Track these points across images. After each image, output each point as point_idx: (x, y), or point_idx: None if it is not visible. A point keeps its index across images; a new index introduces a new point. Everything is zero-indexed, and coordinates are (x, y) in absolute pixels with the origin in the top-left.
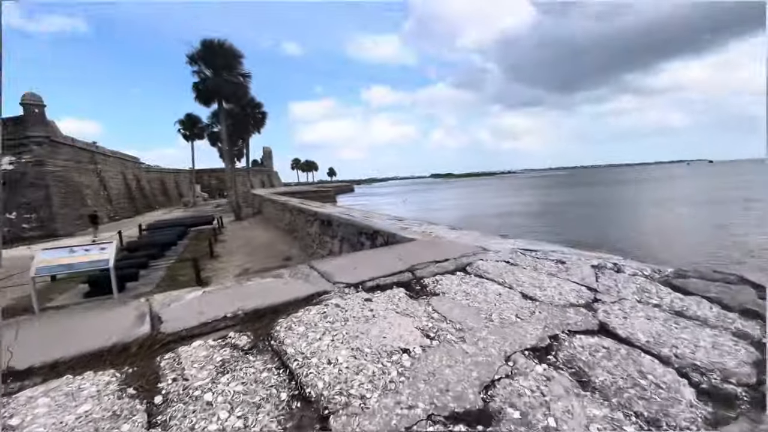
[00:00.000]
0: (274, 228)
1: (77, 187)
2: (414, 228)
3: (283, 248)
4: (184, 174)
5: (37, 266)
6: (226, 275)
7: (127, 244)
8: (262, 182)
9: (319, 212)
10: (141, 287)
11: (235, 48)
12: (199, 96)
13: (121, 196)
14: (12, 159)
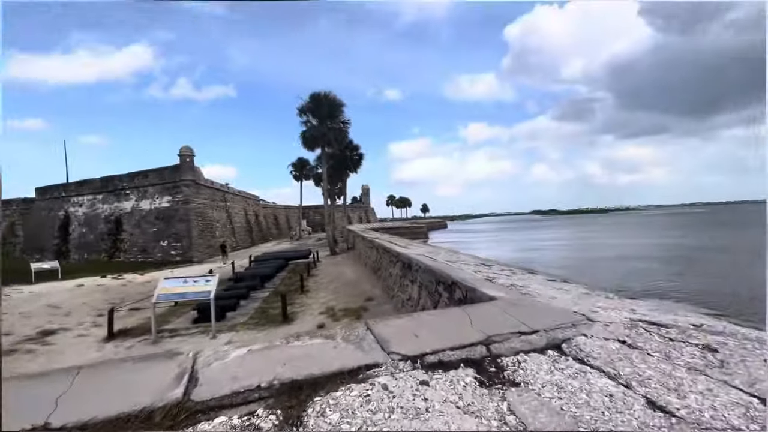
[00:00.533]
0: (362, 265)
1: (210, 221)
2: (501, 279)
3: (367, 287)
4: (294, 210)
5: (158, 293)
6: (311, 312)
7: (235, 275)
8: (360, 218)
9: (401, 254)
10: (238, 317)
11: (337, 98)
12: (305, 142)
13: (242, 228)
14: (169, 198)
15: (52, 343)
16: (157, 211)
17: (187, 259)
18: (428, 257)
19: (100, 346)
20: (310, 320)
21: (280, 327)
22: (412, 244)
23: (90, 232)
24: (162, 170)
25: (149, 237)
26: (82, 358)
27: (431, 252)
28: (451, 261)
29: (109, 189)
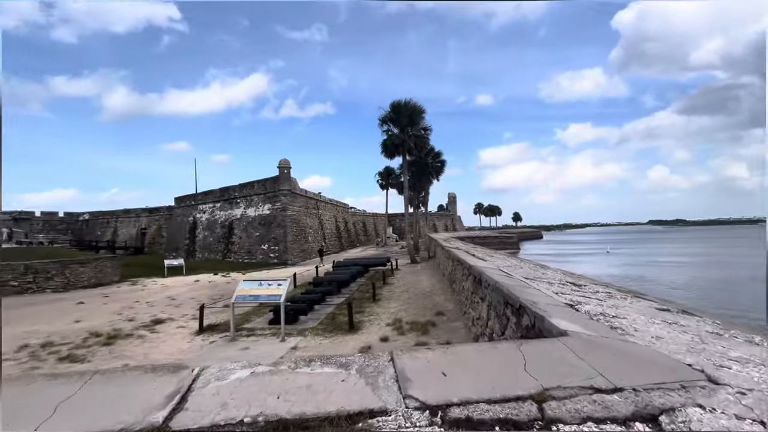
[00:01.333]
0: (440, 275)
1: (304, 227)
2: (589, 305)
3: (440, 300)
4: (381, 217)
5: (237, 294)
6: (379, 322)
7: (314, 279)
8: (445, 226)
9: (472, 267)
10: (310, 321)
11: (418, 105)
12: (385, 150)
13: (332, 234)
14: (269, 206)
15: (159, 331)
16: (260, 217)
17: (282, 262)
18: (503, 272)
19: (191, 338)
20: (376, 331)
21: (347, 335)
22: (493, 255)
23: (210, 235)
24: (264, 181)
25: (254, 240)
26: (173, 348)
27: (511, 266)
28: (531, 278)
29: (225, 198)
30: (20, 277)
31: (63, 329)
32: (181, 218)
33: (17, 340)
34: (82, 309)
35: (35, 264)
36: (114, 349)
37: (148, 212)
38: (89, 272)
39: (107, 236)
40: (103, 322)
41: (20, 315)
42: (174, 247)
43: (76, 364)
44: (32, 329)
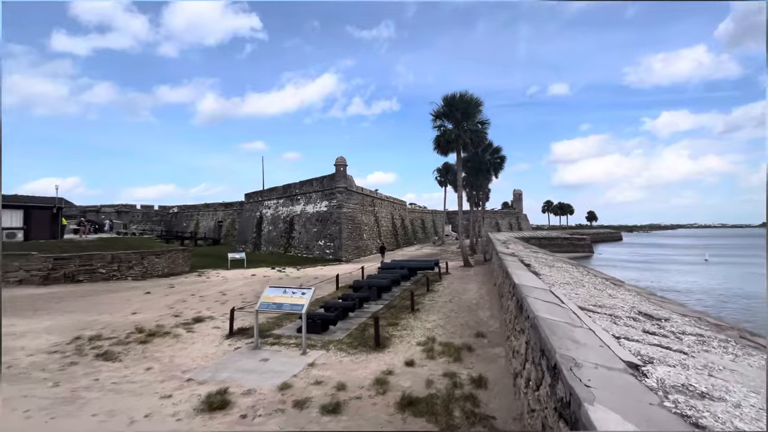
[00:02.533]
0: (490, 283)
1: (359, 224)
2: (664, 367)
3: (485, 316)
4: (441, 214)
5: (261, 301)
6: (410, 340)
7: (354, 283)
8: (510, 225)
9: (517, 286)
10: (339, 332)
11: (474, 97)
12: (438, 147)
13: (388, 232)
14: (326, 203)
15: (195, 331)
16: (317, 214)
17: (337, 258)
18: (553, 296)
19: (220, 342)
20: (404, 351)
21: (371, 354)
22: (553, 265)
23: (274, 230)
24: (322, 179)
25: (311, 236)
26: (199, 352)
27: (569, 284)
28: (589, 308)
29: (287, 195)
30: (107, 265)
31: (118, 321)
32: (249, 213)
33: (77, 330)
34: (146, 300)
35: (120, 254)
36: (147, 349)
37: (224, 207)
38: (163, 263)
39: (191, 228)
40: (153, 316)
41: (95, 302)
42: (244, 239)
43: (108, 363)
44: (94, 319)
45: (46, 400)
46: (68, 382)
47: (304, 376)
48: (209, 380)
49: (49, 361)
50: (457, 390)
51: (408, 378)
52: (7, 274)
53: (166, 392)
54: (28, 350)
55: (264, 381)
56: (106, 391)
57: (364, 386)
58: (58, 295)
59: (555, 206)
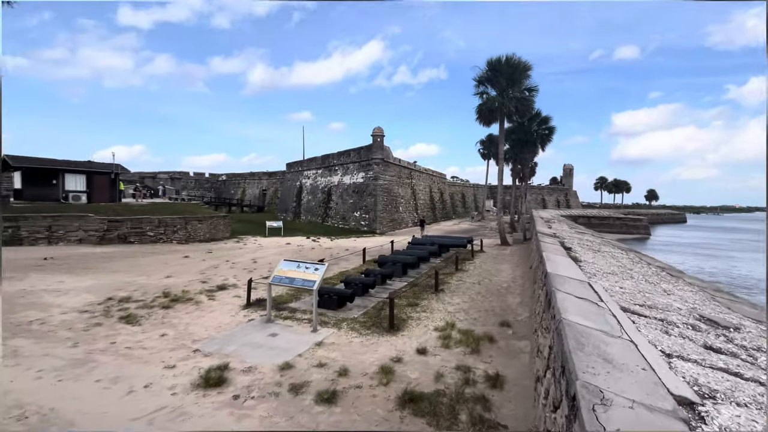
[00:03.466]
0: (526, 265)
1: (395, 197)
2: (729, 409)
3: (514, 303)
4: (482, 189)
5: (275, 274)
6: (427, 324)
7: (379, 258)
8: (557, 202)
9: (549, 275)
10: (355, 310)
11: (522, 61)
12: (480, 116)
13: (425, 205)
14: (363, 174)
15: (216, 299)
16: (354, 185)
17: (371, 230)
18: (591, 292)
19: (236, 312)
20: (418, 335)
21: (383, 336)
22: (599, 250)
23: (312, 200)
24: (359, 149)
25: (347, 207)
26: (214, 322)
27: (613, 274)
28: (634, 309)
29: (326, 165)
30: (155, 228)
31: (151, 284)
32: (290, 182)
33: (113, 290)
34: (182, 264)
35: (166, 219)
36: (168, 314)
37: (267, 175)
38: (205, 228)
39: (238, 195)
40: (184, 281)
41: (137, 264)
42: (285, 207)
43: (128, 326)
44: (132, 280)
45: (61, 360)
46: (87, 343)
47: (309, 356)
48: (215, 353)
49: (77, 321)
50: (468, 388)
51: (417, 368)
52: (68, 233)
53: (171, 362)
54: (64, 308)
55: (267, 358)
56: (118, 356)
57: (368, 373)
58: (109, 255)
59: (609, 183)
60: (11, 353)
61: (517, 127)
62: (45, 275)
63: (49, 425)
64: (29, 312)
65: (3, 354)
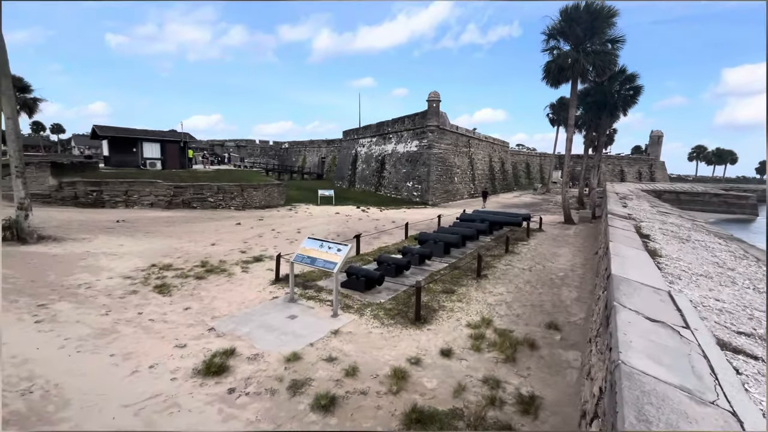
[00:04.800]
0: (591, 250)
1: (450, 167)
2: None
3: (569, 298)
4: (550, 158)
5: (297, 252)
6: (460, 317)
7: (419, 235)
8: (639, 174)
9: (613, 277)
10: (384, 293)
11: (605, 7)
12: (548, 76)
13: (484, 176)
14: (417, 143)
15: (249, 271)
16: (407, 154)
17: (423, 201)
18: (672, 305)
19: (263, 288)
20: (447, 331)
21: (407, 329)
22: (689, 239)
23: (367, 168)
24: (414, 116)
25: (401, 177)
26: (241, 297)
27: (714, 273)
28: (745, 339)
29: (380, 133)
30: (215, 195)
31: (196, 251)
32: (346, 150)
33: (160, 255)
34: (232, 231)
35: (224, 186)
36: (199, 285)
37: (326, 143)
38: (260, 195)
39: (299, 162)
40: (225, 249)
41: (192, 230)
42: (341, 176)
43: (159, 296)
44: (180, 246)
45: (88, 329)
46: (118, 311)
47: (321, 347)
48: (228, 333)
49: (118, 287)
50: (492, 410)
51: (436, 375)
52: (142, 197)
53: (184, 340)
54: (112, 273)
55: (277, 345)
56: (140, 328)
57: (378, 375)
58: (171, 219)
59: (709, 153)
60: (51, 318)
61: (594, 88)
62: (111, 237)
63: (47, 404)
64: (82, 275)
65: (45, 318)
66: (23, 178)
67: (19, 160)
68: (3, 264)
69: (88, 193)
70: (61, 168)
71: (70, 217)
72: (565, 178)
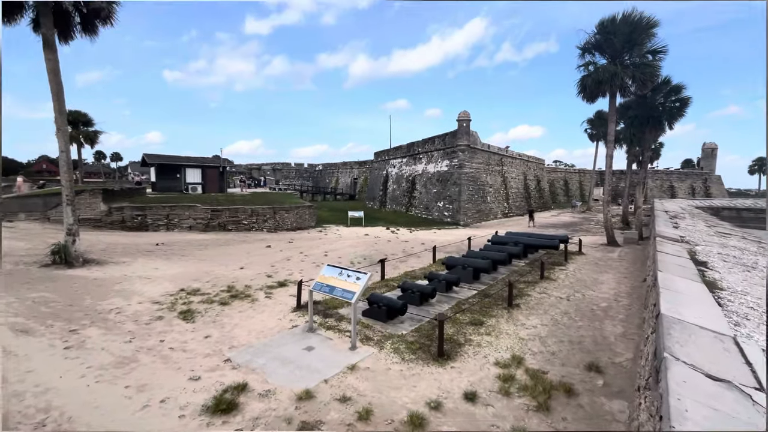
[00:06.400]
0: (636, 276)
1: (482, 186)
2: None
3: (614, 334)
4: (590, 174)
5: (316, 281)
6: (488, 353)
7: (445, 259)
8: (691, 190)
9: (663, 317)
10: (407, 323)
11: (645, 17)
12: (583, 91)
13: (518, 194)
14: (447, 162)
15: (272, 297)
16: (438, 174)
17: (455, 222)
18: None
19: (284, 315)
20: (473, 370)
21: (428, 366)
22: (758, 262)
23: (397, 189)
24: (444, 136)
25: (431, 197)
26: (260, 325)
27: None
28: None
29: (410, 153)
30: (248, 217)
31: (224, 275)
32: (377, 171)
33: (190, 280)
34: (262, 254)
35: (257, 209)
36: (221, 312)
37: (358, 165)
38: (291, 218)
39: (332, 184)
40: (253, 273)
41: (224, 252)
42: (372, 196)
43: (182, 323)
44: (210, 270)
45: (111, 356)
46: (141, 338)
47: (336, 384)
48: (243, 365)
49: (145, 312)
50: None
51: (457, 423)
52: (181, 221)
53: (199, 372)
54: (142, 297)
55: (291, 381)
56: (159, 358)
57: (393, 421)
58: (206, 242)
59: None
60: (79, 344)
61: (635, 101)
62: (148, 260)
63: None
64: (115, 300)
65: (74, 344)
66: (73, 206)
67: (70, 189)
68: (47, 288)
69: (133, 217)
70: (112, 194)
71: (116, 241)
72: (606, 195)
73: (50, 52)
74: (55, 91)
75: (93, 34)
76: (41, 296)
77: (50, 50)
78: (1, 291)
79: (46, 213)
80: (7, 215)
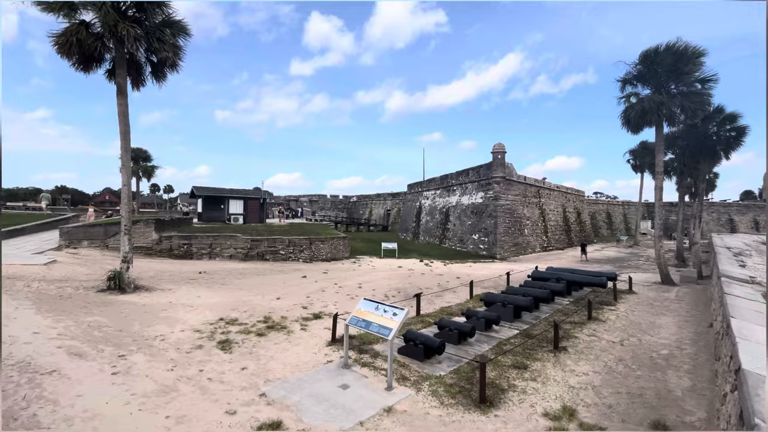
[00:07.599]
0: (703, 321)
1: (519, 218)
2: None
3: (680, 387)
4: (635, 206)
5: (352, 315)
6: (535, 401)
7: (484, 296)
8: (754, 223)
9: (744, 374)
10: (445, 363)
11: (690, 47)
12: (627, 123)
13: (557, 227)
14: (482, 194)
15: (307, 329)
16: (473, 206)
17: (491, 255)
18: None
19: (319, 349)
20: (519, 420)
21: (470, 412)
22: None
23: (431, 220)
24: (479, 168)
25: (466, 229)
26: (295, 359)
27: None
28: None
29: (444, 185)
30: (286, 248)
31: (261, 305)
32: (411, 203)
33: (229, 309)
34: (298, 284)
35: (294, 239)
36: (258, 343)
37: (391, 196)
38: (326, 248)
39: (366, 215)
40: (289, 304)
41: (261, 282)
42: (405, 228)
43: (221, 353)
44: (248, 299)
45: (154, 384)
46: (182, 367)
47: (371, 427)
48: (278, 401)
49: (186, 341)
50: None
51: None
52: (223, 250)
53: (235, 406)
54: (185, 325)
55: (325, 420)
56: (198, 388)
57: None
58: (245, 271)
59: None
60: (126, 370)
61: (686, 131)
62: (191, 288)
63: None
64: (160, 327)
65: (121, 370)
66: (129, 235)
67: (128, 220)
68: (102, 312)
69: (180, 245)
70: (163, 224)
71: (164, 268)
72: (657, 230)
73: (122, 97)
74: (123, 131)
75: (162, 79)
76: (95, 320)
77: (122, 96)
78: (63, 315)
79: (106, 241)
80: (72, 242)
